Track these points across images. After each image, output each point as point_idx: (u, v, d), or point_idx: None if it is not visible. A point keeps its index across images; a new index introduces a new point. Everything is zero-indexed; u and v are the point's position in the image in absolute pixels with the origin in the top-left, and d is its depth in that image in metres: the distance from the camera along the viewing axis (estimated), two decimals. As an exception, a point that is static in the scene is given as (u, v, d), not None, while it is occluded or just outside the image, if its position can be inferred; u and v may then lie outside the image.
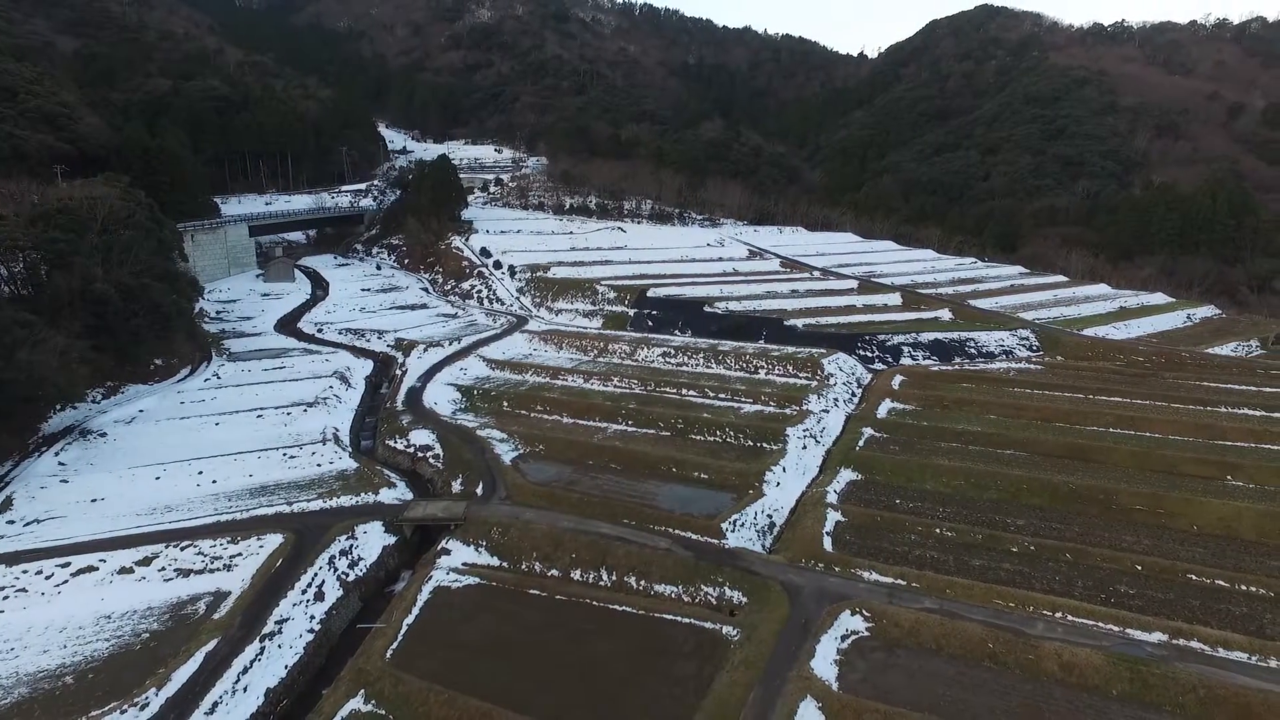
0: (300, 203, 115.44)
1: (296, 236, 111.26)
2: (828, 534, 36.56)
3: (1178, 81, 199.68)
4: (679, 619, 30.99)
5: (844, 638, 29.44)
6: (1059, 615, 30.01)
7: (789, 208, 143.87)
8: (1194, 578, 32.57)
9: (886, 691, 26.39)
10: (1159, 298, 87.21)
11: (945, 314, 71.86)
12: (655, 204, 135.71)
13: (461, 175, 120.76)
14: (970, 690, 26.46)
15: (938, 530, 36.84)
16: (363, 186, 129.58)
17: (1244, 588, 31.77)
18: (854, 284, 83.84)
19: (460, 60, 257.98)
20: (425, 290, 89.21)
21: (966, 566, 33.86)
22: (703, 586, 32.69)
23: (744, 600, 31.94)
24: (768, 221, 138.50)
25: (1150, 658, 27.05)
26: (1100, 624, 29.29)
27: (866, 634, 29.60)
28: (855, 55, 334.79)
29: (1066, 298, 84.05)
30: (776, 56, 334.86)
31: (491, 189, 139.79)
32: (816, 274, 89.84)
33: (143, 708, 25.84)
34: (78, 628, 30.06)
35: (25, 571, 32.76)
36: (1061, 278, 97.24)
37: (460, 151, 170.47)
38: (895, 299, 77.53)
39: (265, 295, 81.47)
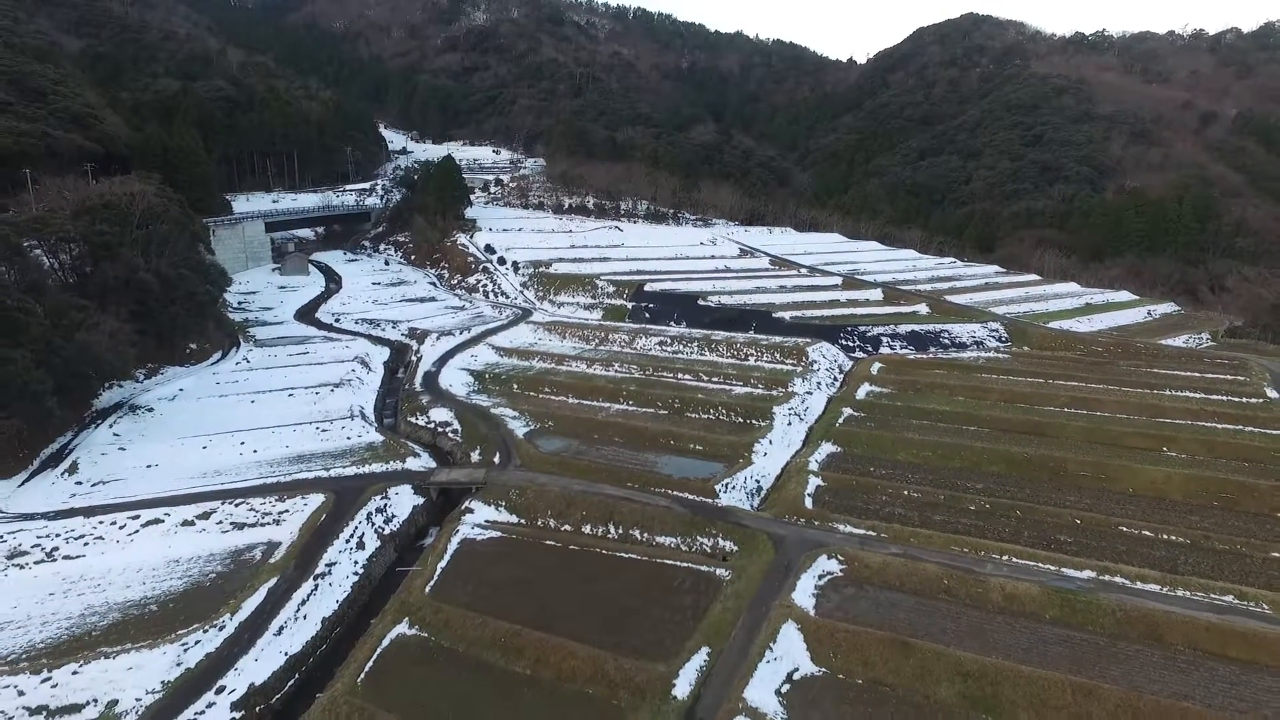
0: (307, 201, 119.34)
1: (305, 233, 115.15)
2: (809, 495, 41.26)
3: (1154, 90, 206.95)
4: (678, 564, 35.55)
5: (821, 576, 34.11)
6: (1005, 558, 34.86)
7: (779, 209, 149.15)
8: (1124, 529, 37.51)
9: (855, 616, 31.08)
10: (1123, 295, 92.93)
11: (922, 308, 76.99)
12: (651, 204, 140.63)
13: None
14: (927, 616, 31.17)
15: (906, 492, 41.59)
16: (366, 186, 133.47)
17: (1165, 536, 36.75)
18: (839, 280, 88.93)
19: (458, 62, 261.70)
20: (433, 284, 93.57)
21: (929, 520, 38.63)
22: (699, 537, 37.29)
23: (735, 548, 36.57)
24: (758, 222, 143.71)
25: (1079, 589, 31.84)
26: (1040, 564, 34.14)
27: (840, 574, 34.29)
28: (845, 61, 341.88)
29: (1037, 294, 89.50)
30: (768, 61, 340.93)
31: (492, 189, 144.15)
32: (804, 271, 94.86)
33: (221, 629, 30.20)
34: (151, 569, 34.31)
35: (101, 522, 36.94)
36: (1034, 276, 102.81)
37: (459, 152, 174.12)
38: (877, 294, 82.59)
39: (282, 288, 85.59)
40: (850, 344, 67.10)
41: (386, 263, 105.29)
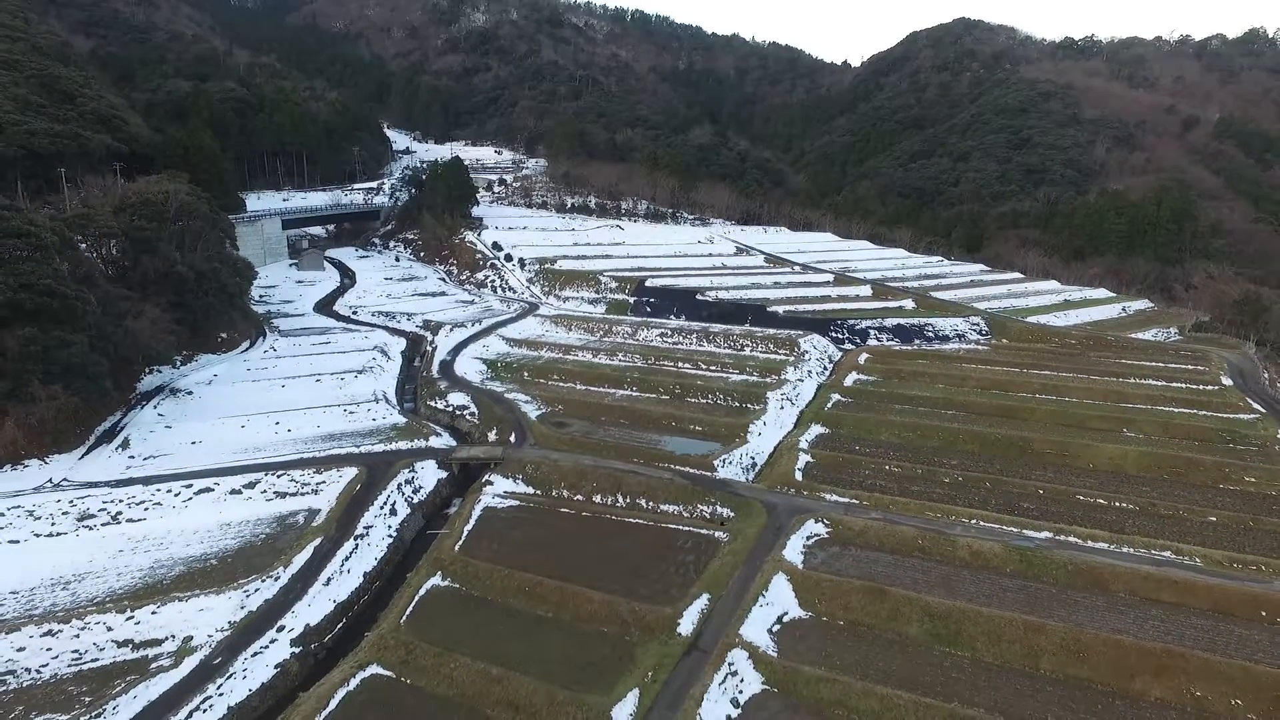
0: (317, 199, 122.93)
1: (316, 231, 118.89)
2: (799, 469, 45.33)
3: (1139, 95, 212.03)
4: (681, 527, 39.55)
5: (809, 538, 38.17)
6: (974, 522, 38.97)
7: (773, 209, 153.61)
8: (1081, 498, 41.69)
9: (839, 570, 35.16)
10: (1101, 293, 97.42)
11: (909, 304, 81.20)
12: (650, 204, 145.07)
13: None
14: (901, 570, 35.26)
15: (887, 467, 45.72)
16: (373, 185, 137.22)
17: (1117, 504, 40.95)
18: (830, 278, 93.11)
19: (459, 64, 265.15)
20: (443, 280, 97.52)
21: (907, 491, 42.71)
22: (699, 505, 41.28)
23: (731, 514, 40.57)
24: (754, 221, 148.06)
25: (1037, 547, 35.96)
26: (1004, 527, 38.28)
27: (826, 535, 38.36)
28: (839, 64, 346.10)
29: (1019, 291, 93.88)
30: (764, 64, 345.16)
31: (496, 189, 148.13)
32: (797, 269, 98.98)
33: (276, 579, 34.07)
34: (207, 530, 38.15)
35: (158, 490, 40.72)
36: (1017, 275, 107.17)
37: (461, 152, 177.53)
38: (866, 291, 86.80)
39: (300, 282, 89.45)
40: (840, 336, 71.24)
41: (397, 259, 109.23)
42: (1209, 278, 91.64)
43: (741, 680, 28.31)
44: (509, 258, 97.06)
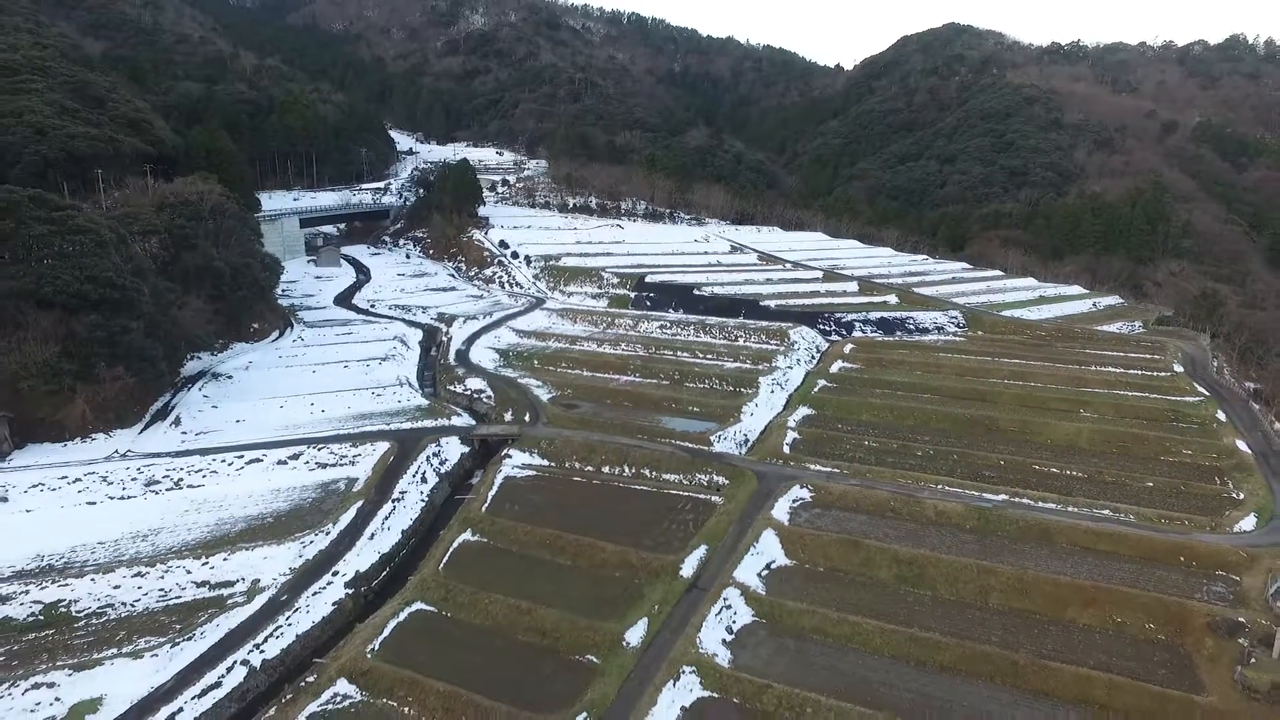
0: (327, 199, 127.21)
1: (329, 229, 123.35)
2: (787, 444, 50.34)
3: (1121, 100, 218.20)
4: (681, 493, 44.47)
5: (794, 500, 43.13)
6: (940, 487, 44.01)
7: (766, 209, 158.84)
8: (1036, 467, 46.78)
9: (820, 527, 40.16)
10: (1075, 289, 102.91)
11: (892, 299, 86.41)
12: (649, 204, 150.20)
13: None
14: (875, 526, 40.25)
15: (866, 442, 50.75)
16: (380, 185, 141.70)
17: (1068, 472, 46.05)
18: (819, 274, 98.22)
19: (459, 66, 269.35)
20: (452, 276, 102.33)
21: (883, 461, 47.72)
22: (697, 474, 46.16)
23: (726, 481, 45.42)
24: (747, 221, 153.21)
25: (994, 507, 41.02)
26: (966, 491, 43.31)
27: (810, 498, 43.34)
28: (832, 67, 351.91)
29: (998, 288, 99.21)
30: (758, 66, 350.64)
31: (500, 189, 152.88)
32: (788, 266, 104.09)
33: (328, 534, 38.86)
34: (260, 494, 42.82)
35: (213, 460, 45.37)
36: (998, 272, 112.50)
37: (463, 154, 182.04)
38: (853, 287, 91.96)
39: (318, 278, 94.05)
40: (827, 328, 76.37)
41: (408, 256, 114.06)
42: (1171, 275, 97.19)
43: (735, 613, 33.32)
44: (515, 255, 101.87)
